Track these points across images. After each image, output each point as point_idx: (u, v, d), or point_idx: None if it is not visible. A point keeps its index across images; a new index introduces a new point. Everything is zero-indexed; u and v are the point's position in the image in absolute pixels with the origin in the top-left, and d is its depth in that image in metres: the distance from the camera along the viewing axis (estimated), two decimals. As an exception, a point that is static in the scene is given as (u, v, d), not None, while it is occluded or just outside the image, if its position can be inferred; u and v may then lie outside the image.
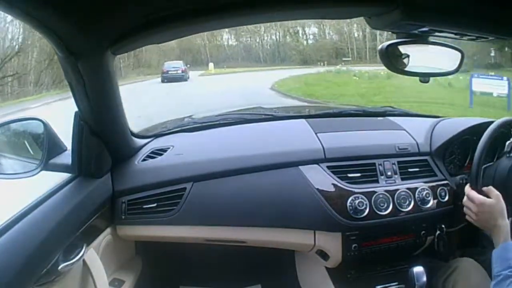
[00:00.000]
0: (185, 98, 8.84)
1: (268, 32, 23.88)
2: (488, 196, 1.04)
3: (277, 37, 24.15)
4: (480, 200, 1.03)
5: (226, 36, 23.43)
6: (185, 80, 13.23)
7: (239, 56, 23.95)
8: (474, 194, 1.05)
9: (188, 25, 0.74)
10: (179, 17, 0.71)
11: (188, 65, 15.30)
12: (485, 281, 1.06)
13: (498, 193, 1.04)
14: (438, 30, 0.72)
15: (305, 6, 0.70)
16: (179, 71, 13.52)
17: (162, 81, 13.08)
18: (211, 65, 19.63)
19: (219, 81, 13.79)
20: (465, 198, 1.08)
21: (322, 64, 20.29)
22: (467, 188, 1.08)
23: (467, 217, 1.08)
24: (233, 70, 18.65)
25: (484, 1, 0.66)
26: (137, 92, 10.09)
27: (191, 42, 22.29)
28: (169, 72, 13.37)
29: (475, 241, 1.39)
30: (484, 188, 1.06)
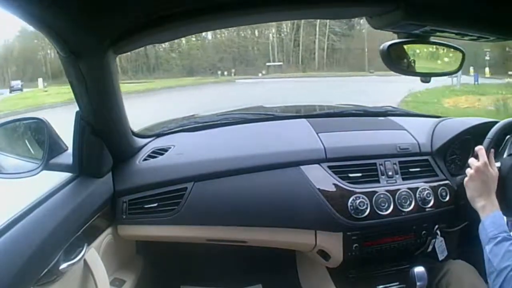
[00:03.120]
0: None
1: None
2: None
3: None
4: (485, 161, 1.04)
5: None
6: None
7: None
8: (483, 151, 1.06)
9: (189, 24, 0.74)
10: (180, 16, 0.71)
11: (23, 82, 20.12)
12: (478, 283, 1.07)
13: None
14: (439, 30, 0.72)
15: (306, 6, 0.70)
16: (19, 86, 19.19)
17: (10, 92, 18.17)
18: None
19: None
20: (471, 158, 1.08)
21: (224, 73, 13.03)
22: (478, 147, 1.08)
23: (465, 180, 1.08)
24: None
25: (485, 1, 0.66)
26: None
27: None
28: (14, 87, 19.01)
29: (475, 241, 1.38)
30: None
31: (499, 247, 0.92)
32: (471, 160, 1.07)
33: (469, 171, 1.07)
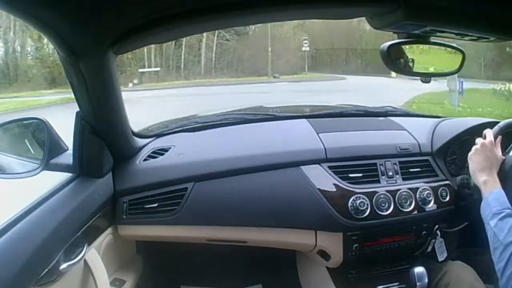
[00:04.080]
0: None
1: None
2: None
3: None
4: (491, 140, 1.07)
5: None
6: None
7: None
8: (490, 133, 1.10)
9: (189, 24, 0.74)
10: (181, 16, 0.71)
11: None
12: (476, 283, 1.07)
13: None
14: (439, 30, 0.73)
15: (306, 6, 0.70)
16: None
17: None
18: None
19: None
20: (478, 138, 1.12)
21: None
22: (487, 129, 1.12)
23: (469, 154, 1.10)
24: None
25: (485, 1, 0.66)
26: None
27: None
28: None
29: (475, 242, 1.39)
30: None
31: (504, 222, 0.92)
32: (478, 139, 1.10)
33: (474, 147, 1.09)
